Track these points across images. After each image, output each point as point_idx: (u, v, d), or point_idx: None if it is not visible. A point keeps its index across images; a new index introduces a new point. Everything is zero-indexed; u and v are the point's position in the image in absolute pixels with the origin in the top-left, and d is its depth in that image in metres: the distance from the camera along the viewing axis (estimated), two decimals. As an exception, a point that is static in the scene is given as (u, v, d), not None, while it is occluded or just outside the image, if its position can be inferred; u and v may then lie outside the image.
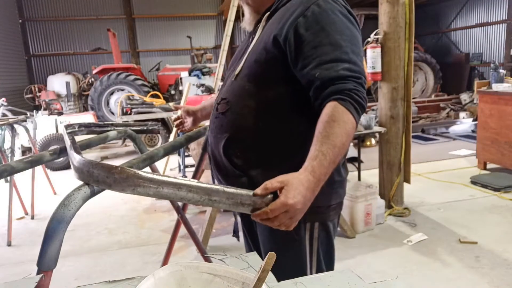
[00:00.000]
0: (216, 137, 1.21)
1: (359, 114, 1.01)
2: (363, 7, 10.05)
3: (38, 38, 12.24)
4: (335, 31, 1.04)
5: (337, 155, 0.95)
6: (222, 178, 1.22)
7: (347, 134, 0.97)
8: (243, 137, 1.15)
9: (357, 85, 1.01)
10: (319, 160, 0.93)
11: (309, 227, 1.16)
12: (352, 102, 0.99)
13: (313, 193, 0.92)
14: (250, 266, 0.84)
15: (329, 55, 1.01)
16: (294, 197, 0.86)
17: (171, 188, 0.80)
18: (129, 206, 4.29)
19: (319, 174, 0.92)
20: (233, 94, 1.17)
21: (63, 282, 2.71)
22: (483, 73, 10.93)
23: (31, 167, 1.35)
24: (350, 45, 1.04)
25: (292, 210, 0.87)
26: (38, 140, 5.86)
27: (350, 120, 0.98)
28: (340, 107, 0.98)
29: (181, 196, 0.81)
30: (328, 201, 1.17)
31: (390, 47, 3.50)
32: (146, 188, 0.80)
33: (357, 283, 0.74)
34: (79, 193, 0.87)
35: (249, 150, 1.15)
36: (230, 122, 1.16)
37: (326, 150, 0.94)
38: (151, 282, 0.66)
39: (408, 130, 3.62)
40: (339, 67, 1.00)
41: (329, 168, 0.94)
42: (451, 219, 3.46)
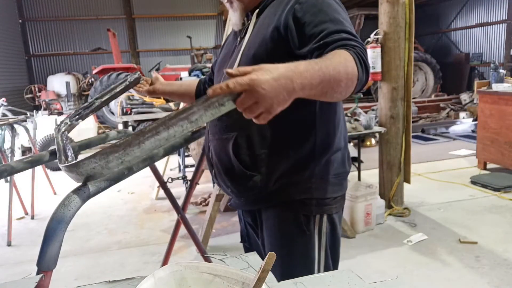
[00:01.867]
0: (221, 139, 1.19)
1: (363, 72, 0.94)
2: (363, 7, 10.05)
3: (38, 38, 12.24)
4: (333, 11, 1.04)
5: (328, 78, 0.85)
6: (231, 182, 1.20)
7: (345, 71, 0.89)
8: (251, 134, 1.13)
9: (363, 51, 0.96)
10: (309, 64, 0.84)
11: (318, 220, 1.16)
12: (358, 57, 0.93)
13: (288, 86, 0.79)
14: (250, 266, 0.84)
15: (332, 28, 1.00)
16: (262, 74, 0.75)
17: (151, 138, 0.75)
18: (129, 206, 4.29)
19: (301, 72, 0.81)
20: None
21: (63, 282, 2.71)
22: (483, 73, 10.93)
23: (31, 167, 1.35)
24: (349, 25, 1.03)
25: (258, 87, 0.74)
26: (38, 140, 5.86)
27: (352, 65, 0.91)
28: (346, 52, 0.93)
29: (165, 137, 0.75)
30: (334, 192, 1.18)
31: (390, 47, 3.50)
32: (130, 153, 0.76)
33: (357, 283, 0.74)
34: (79, 193, 0.87)
35: (259, 146, 1.14)
36: (236, 121, 1.13)
37: (319, 62, 0.86)
38: (151, 282, 0.66)
39: (408, 130, 3.62)
40: (343, 36, 0.98)
41: (314, 77, 0.82)
42: (451, 219, 3.46)
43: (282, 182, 1.14)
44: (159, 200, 4.38)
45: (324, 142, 1.15)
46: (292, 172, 1.14)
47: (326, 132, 1.16)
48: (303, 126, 1.13)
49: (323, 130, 1.15)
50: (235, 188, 1.20)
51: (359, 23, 9.73)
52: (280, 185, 1.14)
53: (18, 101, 9.91)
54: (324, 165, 1.16)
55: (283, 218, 1.17)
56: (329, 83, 0.86)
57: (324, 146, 1.15)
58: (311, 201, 1.15)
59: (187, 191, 2.02)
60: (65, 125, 1.30)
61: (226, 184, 1.23)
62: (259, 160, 1.14)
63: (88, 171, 0.81)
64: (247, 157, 1.15)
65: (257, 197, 1.18)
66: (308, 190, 1.15)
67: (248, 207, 1.27)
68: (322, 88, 0.86)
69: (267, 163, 1.14)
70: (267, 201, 1.18)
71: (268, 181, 1.14)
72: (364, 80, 0.96)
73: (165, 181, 2.09)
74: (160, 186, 2.45)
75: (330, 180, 1.17)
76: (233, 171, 1.17)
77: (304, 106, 1.10)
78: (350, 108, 5.99)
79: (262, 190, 1.16)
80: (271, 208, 1.19)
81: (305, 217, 1.15)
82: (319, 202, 1.16)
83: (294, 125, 1.12)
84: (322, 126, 1.15)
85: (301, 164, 1.14)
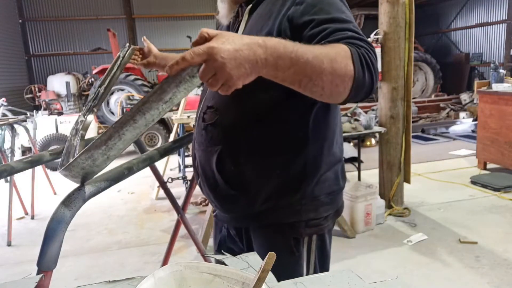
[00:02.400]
0: (206, 150, 1.08)
1: (365, 75, 0.83)
2: (363, 7, 10.06)
3: (38, 38, 12.23)
4: (335, 9, 0.92)
5: (304, 64, 0.76)
6: (215, 198, 1.11)
7: (331, 65, 0.78)
8: (237, 148, 1.03)
9: (370, 52, 0.85)
10: (282, 42, 0.75)
11: (307, 240, 1.09)
12: (361, 57, 0.82)
13: (251, 59, 0.71)
14: (250, 266, 0.84)
15: (335, 27, 0.88)
16: (223, 43, 0.68)
17: (130, 128, 0.73)
18: (129, 206, 4.29)
19: (269, 47, 0.73)
20: (221, 101, 1.04)
21: (63, 282, 2.71)
22: (483, 73, 10.93)
23: (31, 167, 1.35)
24: (356, 26, 0.91)
25: (217, 56, 0.67)
26: (38, 140, 5.86)
27: (345, 62, 0.80)
28: (344, 47, 0.82)
29: (144, 124, 0.73)
30: (326, 211, 1.09)
31: (390, 47, 3.50)
32: (114, 147, 0.75)
33: (357, 283, 0.74)
34: (79, 193, 0.87)
35: (244, 163, 1.03)
36: (221, 133, 1.04)
37: (297, 45, 0.76)
38: (151, 282, 0.66)
39: (408, 130, 3.62)
40: (348, 34, 0.87)
41: (283, 57, 0.74)
42: (451, 219, 3.46)
43: (269, 204, 1.05)
44: (159, 200, 4.38)
45: (317, 160, 1.05)
46: (281, 194, 1.04)
47: (319, 149, 1.05)
48: (294, 142, 1.03)
49: (315, 147, 1.04)
50: (219, 205, 1.12)
51: (359, 23, 9.73)
52: (267, 208, 1.05)
53: (18, 101, 9.91)
54: (316, 184, 1.06)
55: (272, 241, 1.08)
56: (304, 71, 0.76)
57: (316, 164, 1.05)
58: (300, 223, 1.06)
59: (187, 191, 2.02)
60: (81, 123, 1.29)
61: (210, 199, 1.14)
62: (244, 178, 1.04)
63: (80, 173, 0.81)
64: (231, 173, 1.05)
65: (243, 216, 1.11)
66: (298, 213, 1.06)
67: (235, 224, 1.17)
68: (295, 73, 0.76)
69: (254, 182, 1.04)
70: (254, 222, 1.10)
71: (255, 202, 1.05)
72: (368, 85, 0.85)
73: (165, 181, 2.09)
74: (160, 186, 2.45)
75: (322, 200, 1.08)
76: (217, 188, 1.08)
77: (297, 120, 1.02)
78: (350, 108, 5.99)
79: (248, 210, 1.07)
80: (259, 229, 1.11)
81: (295, 240, 1.07)
82: (309, 223, 1.07)
83: (284, 141, 1.02)
84: (315, 143, 1.04)
85: (290, 184, 1.04)
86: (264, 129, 1.02)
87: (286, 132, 1.03)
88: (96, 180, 0.94)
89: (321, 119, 1.05)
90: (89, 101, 1.30)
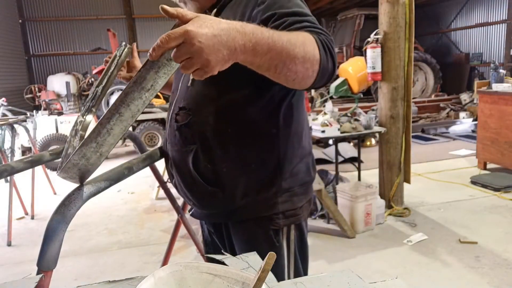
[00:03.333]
0: (180, 151, 1.11)
1: (328, 59, 0.86)
2: (363, 7, 10.06)
3: (38, 38, 12.23)
4: (294, 5, 0.95)
5: (280, 49, 0.77)
6: (192, 196, 1.13)
7: (303, 49, 0.80)
8: (212, 147, 1.06)
9: (328, 38, 0.88)
10: (258, 28, 0.76)
11: (286, 231, 1.14)
12: (322, 42, 0.85)
13: (229, 45, 0.70)
14: (250, 266, 0.84)
15: (294, 19, 0.91)
16: (201, 27, 0.67)
17: (117, 121, 0.72)
18: (129, 206, 4.29)
19: (247, 33, 0.73)
20: (193, 102, 1.07)
21: (63, 282, 2.71)
22: (483, 73, 10.93)
23: (31, 167, 1.35)
24: (314, 19, 0.94)
25: (194, 40, 0.66)
26: (38, 140, 5.86)
27: (313, 46, 0.83)
28: (307, 33, 0.85)
29: (130, 115, 0.72)
30: (300, 201, 1.15)
31: (390, 47, 3.50)
32: (104, 143, 0.74)
33: (357, 283, 0.74)
34: (79, 193, 0.87)
35: (220, 161, 1.06)
36: (196, 133, 1.07)
37: (272, 31, 0.78)
38: (151, 282, 0.66)
39: (408, 130, 3.62)
40: (306, 24, 0.90)
41: (260, 43, 0.74)
42: (451, 219, 3.46)
43: (248, 199, 1.09)
44: (159, 200, 4.39)
45: (289, 154, 1.10)
46: (258, 189, 1.08)
47: (291, 144, 1.10)
48: (266, 139, 1.07)
49: (287, 142, 1.09)
50: (197, 202, 1.15)
51: (359, 23, 9.74)
52: (247, 202, 1.09)
53: (18, 101, 9.91)
54: (289, 177, 1.11)
55: (252, 235, 1.13)
56: (280, 56, 0.78)
57: (288, 158, 1.10)
58: (278, 215, 1.12)
59: (187, 191, 2.01)
60: (80, 124, 1.28)
61: (187, 197, 1.16)
62: (221, 175, 1.07)
63: (77, 173, 0.81)
64: (208, 171, 1.07)
65: (222, 212, 1.14)
66: (275, 205, 1.11)
67: (213, 219, 1.22)
68: (271, 59, 0.77)
69: (230, 178, 1.07)
70: (233, 217, 1.14)
71: (233, 198, 1.09)
72: (330, 70, 0.88)
73: (165, 181, 2.09)
74: (160, 186, 2.45)
75: (296, 191, 1.13)
76: (194, 185, 1.10)
77: (268, 117, 1.06)
78: (350, 108, 6.00)
79: (227, 207, 1.11)
80: (238, 224, 1.14)
81: (274, 231, 1.12)
82: (286, 214, 1.12)
83: (257, 138, 1.06)
84: (286, 138, 1.09)
85: (266, 179, 1.08)
86: (237, 128, 1.05)
87: (258, 130, 1.06)
88: (96, 180, 0.94)
89: (290, 115, 1.09)
90: (87, 101, 1.30)
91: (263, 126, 1.06)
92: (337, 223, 3.22)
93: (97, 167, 0.80)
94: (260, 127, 1.06)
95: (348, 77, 7.74)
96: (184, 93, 1.10)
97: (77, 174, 0.82)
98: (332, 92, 7.66)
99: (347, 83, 7.77)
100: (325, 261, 2.82)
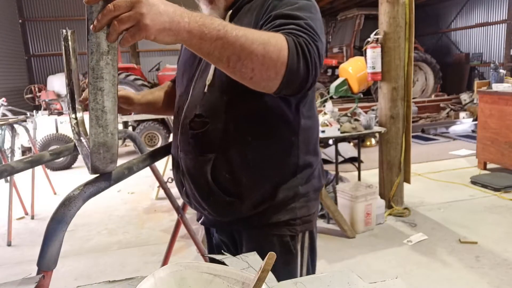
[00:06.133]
0: (196, 159, 1.06)
1: (300, 63, 0.82)
2: (363, 7, 10.07)
3: (38, 38, 12.24)
4: (295, 8, 0.93)
5: (233, 41, 0.75)
6: (208, 206, 1.09)
7: (264, 48, 0.78)
8: (232, 155, 1.03)
9: (310, 44, 0.85)
10: (209, 16, 0.75)
11: (301, 238, 1.12)
12: (298, 46, 0.82)
13: (174, 17, 0.70)
14: (250, 266, 0.84)
15: (284, 21, 0.89)
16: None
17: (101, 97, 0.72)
18: (129, 206, 4.29)
19: (195, 15, 0.73)
20: (211, 109, 1.03)
21: (63, 282, 2.71)
22: (483, 73, 10.94)
23: (31, 167, 1.35)
24: (312, 22, 0.91)
25: (139, 7, 0.65)
26: (38, 140, 5.86)
27: (279, 47, 0.80)
28: (280, 35, 0.82)
29: (111, 84, 0.72)
30: (314, 207, 1.15)
31: (390, 47, 3.50)
32: (105, 121, 0.75)
33: (357, 283, 0.74)
34: (79, 193, 0.87)
35: (239, 169, 1.03)
36: (214, 141, 1.03)
37: (226, 22, 0.76)
38: (151, 282, 0.66)
39: (408, 130, 3.62)
40: (291, 26, 0.87)
41: (208, 28, 0.73)
42: (451, 219, 3.46)
43: (265, 205, 1.07)
44: (159, 200, 4.39)
45: (306, 160, 1.09)
46: (276, 195, 1.06)
47: (307, 150, 1.10)
48: (286, 146, 1.06)
49: (304, 149, 1.09)
50: (213, 212, 1.11)
51: (359, 23, 9.74)
52: (263, 209, 1.07)
53: (18, 101, 9.91)
54: (305, 183, 1.10)
55: (268, 241, 1.09)
56: (232, 47, 0.75)
57: (305, 164, 1.09)
58: (295, 220, 1.10)
59: (187, 191, 2.01)
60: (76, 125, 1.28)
61: (202, 207, 1.12)
62: (239, 185, 1.04)
63: (105, 161, 0.83)
64: (227, 181, 1.04)
65: (238, 219, 1.10)
66: (293, 210, 1.09)
67: (226, 227, 1.18)
68: (223, 48, 0.75)
69: (249, 187, 1.05)
70: (249, 223, 1.10)
71: (250, 206, 1.06)
72: (301, 75, 0.84)
73: (165, 181, 2.09)
74: (160, 186, 2.45)
75: (311, 197, 1.13)
76: (211, 195, 1.07)
77: (287, 125, 1.05)
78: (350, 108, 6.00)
79: (243, 214, 1.08)
80: (254, 230, 1.11)
81: (291, 237, 1.10)
82: (303, 220, 1.11)
83: (277, 146, 1.05)
84: (304, 145, 1.08)
85: (284, 185, 1.07)
86: (257, 136, 1.03)
87: (278, 137, 1.04)
88: (96, 180, 0.94)
89: (307, 122, 1.08)
90: (68, 103, 1.30)
91: (283, 134, 1.05)
92: (337, 223, 3.22)
93: (117, 147, 0.81)
94: (280, 134, 1.04)
95: (348, 77, 7.75)
96: (199, 99, 1.05)
97: (105, 162, 0.83)
98: (332, 92, 7.67)
99: (347, 83, 7.78)
100: (325, 261, 2.82)
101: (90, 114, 0.75)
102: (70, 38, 1.25)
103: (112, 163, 0.86)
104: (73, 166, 6.14)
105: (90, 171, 0.88)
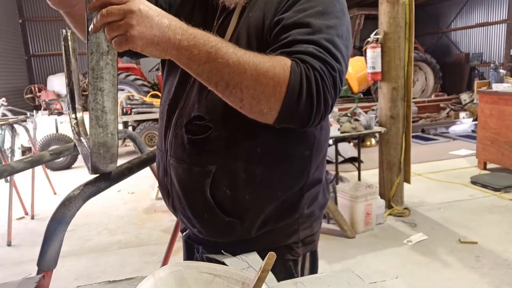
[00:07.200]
0: (190, 169, 0.91)
1: (301, 100, 0.71)
2: (363, 7, 10.07)
3: (38, 38, 12.24)
4: (318, 12, 0.80)
5: (225, 63, 0.68)
6: (200, 225, 0.94)
7: (256, 80, 0.69)
8: (237, 169, 0.88)
9: (325, 77, 0.73)
10: (209, 35, 0.69)
11: (302, 260, 1.01)
12: (304, 79, 0.71)
13: (166, 32, 0.66)
14: (250, 266, 0.84)
15: (299, 37, 0.76)
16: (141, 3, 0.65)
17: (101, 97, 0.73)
18: (129, 206, 4.29)
19: (192, 34, 0.68)
20: (216, 112, 0.87)
21: (63, 282, 2.71)
22: (483, 73, 10.94)
23: (31, 167, 1.35)
24: (332, 33, 0.78)
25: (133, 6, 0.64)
26: (38, 140, 5.86)
27: (278, 75, 0.70)
28: (286, 62, 0.71)
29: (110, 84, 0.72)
30: (317, 225, 1.04)
31: (390, 47, 3.50)
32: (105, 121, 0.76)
33: (357, 283, 0.74)
34: (79, 193, 0.87)
35: (243, 187, 0.89)
36: (218, 151, 0.88)
37: (222, 43, 0.70)
38: (151, 282, 0.66)
39: (408, 130, 3.62)
40: (309, 50, 0.74)
41: (202, 49, 0.68)
42: (451, 219, 3.46)
43: (267, 228, 0.94)
44: (159, 200, 4.38)
45: (314, 177, 0.97)
46: (280, 216, 0.94)
47: (317, 165, 0.97)
48: (298, 161, 0.92)
49: (315, 164, 0.96)
50: (205, 231, 0.96)
51: (359, 23, 9.74)
52: (264, 232, 0.94)
53: (18, 101, 9.92)
54: (312, 201, 0.98)
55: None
56: (221, 73, 0.69)
57: (313, 181, 0.97)
58: (298, 244, 0.98)
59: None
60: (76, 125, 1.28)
61: (191, 223, 0.97)
62: (241, 204, 0.90)
63: (104, 161, 0.83)
64: (227, 199, 0.90)
65: (234, 241, 0.95)
66: (296, 233, 0.97)
67: (218, 247, 0.97)
68: (210, 73, 0.69)
69: (252, 207, 0.91)
70: (247, 247, 0.94)
71: (251, 228, 0.92)
72: (304, 114, 0.73)
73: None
74: (160, 186, 2.44)
75: (316, 215, 1.01)
76: (206, 213, 0.91)
77: (302, 138, 0.92)
78: (350, 108, 6.00)
79: (242, 237, 0.93)
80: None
81: (293, 262, 0.98)
82: (305, 241, 1.00)
83: (288, 160, 0.91)
84: (315, 160, 0.96)
85: (289, 205, 0.94)
86: (268, 147, 0.89)
87: (291, 151, 0.91)
88: (96, 180, 0.94)
89: (322, 133, 0.97)
90: (68, 103, 1.30)
91: (297, 147, 0.91)
92: (337, 223, 3.22)
93: (117, 147, 0.82)
94: (293, 148, 0.91)
95: (348, 77, 7.75)
96: (200, 98, 0.89)
97: (105, 162, 0.84)
98: (332, 92, 7.65)
99: (347, 83, 7.78)
100: (325, 261, 2.81)
101: (90, 114, 0.75)
102: (70, 38, 1.25)
103: (112, 163, 0.86)
104: (73, 166, 6.14)
105: (90, 171, 0.88)
